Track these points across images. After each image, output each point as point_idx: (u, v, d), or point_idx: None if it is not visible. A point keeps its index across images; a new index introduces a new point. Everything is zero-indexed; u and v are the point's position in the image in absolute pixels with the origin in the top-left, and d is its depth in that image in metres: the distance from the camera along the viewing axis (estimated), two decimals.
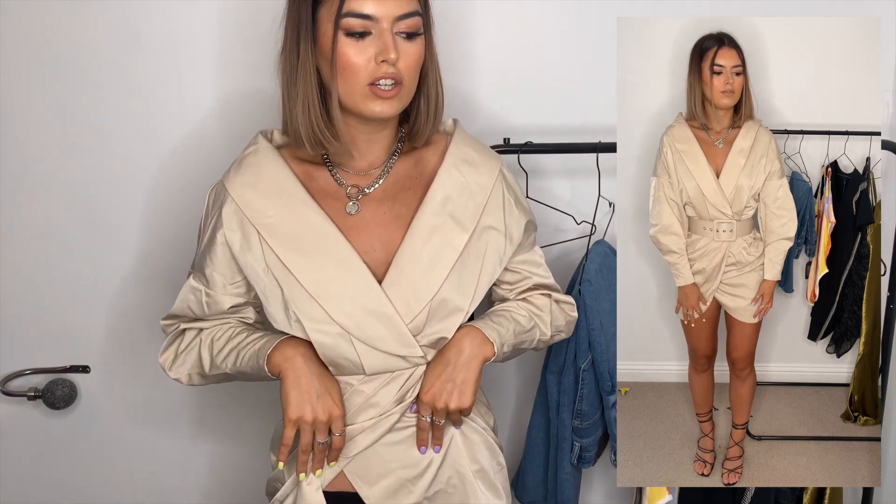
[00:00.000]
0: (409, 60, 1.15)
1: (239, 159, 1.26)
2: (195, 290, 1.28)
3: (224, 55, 1.52)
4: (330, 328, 1.20)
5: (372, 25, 1.12)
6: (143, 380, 1.66)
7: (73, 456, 1.69)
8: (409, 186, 1.26)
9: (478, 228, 1.25)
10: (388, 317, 1.20)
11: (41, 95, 1.50)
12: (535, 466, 1.64)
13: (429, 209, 1.23)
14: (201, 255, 1.27)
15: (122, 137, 1.54)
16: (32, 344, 1.62)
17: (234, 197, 1.22)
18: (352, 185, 1.25)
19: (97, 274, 1.60)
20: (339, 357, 1.22)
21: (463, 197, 1.25)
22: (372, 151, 1.25)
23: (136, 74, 1.51)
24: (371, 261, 1.22)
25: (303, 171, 1.25)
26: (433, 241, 1.22)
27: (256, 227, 1.21)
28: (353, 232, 1.22)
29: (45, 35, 1.47)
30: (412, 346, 1.22)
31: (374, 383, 1.24)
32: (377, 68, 1.13)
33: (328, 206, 1.23)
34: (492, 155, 1.32)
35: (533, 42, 1.59)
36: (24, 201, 1.55)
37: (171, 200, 1.58)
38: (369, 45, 1.13)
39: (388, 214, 1.24)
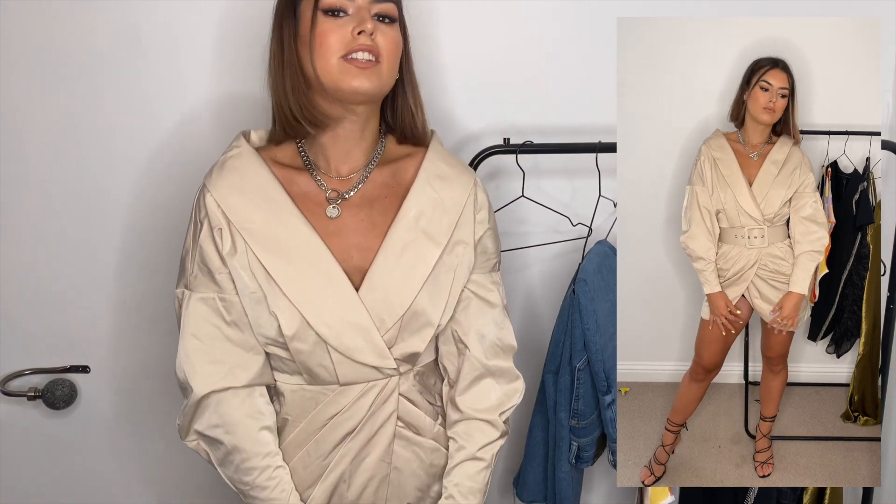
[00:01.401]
0: (387, 41, 1.19)
1: (221, 161, 1.26)
2: (206, 300, 1.23)
3: (224, 55, 1.52)
4: (308, 336, 1.21)
5: (348, 4, 1.17)
6: (143, 380, 1.66)
7: (73, 456, 1.69)
8: (386, 195, 1.28)
9: (450, 243, 1.27)
10: (366, 329, 1.22)
11: (41, 96, 1.50)
12: (535, 465, 1.64)
13: (402, 224, 1.25)
14: (199, 263, 1.23)
15: (123, 138, 1.53)
16: (32, 344, 1.62)
17: (218, 200, 1.21)
18: (332, 188, 1.26)
19: (97, 274, 1.60)
20: (315, 365, 1.24)
21: (437, 213, 1.27)
22: (352, 155, 1.27)
23: (136, 75, 1.51)
24: (348, 268, 1.23)
25: (284, 175, 1.25)
26: (406, 256, 1.24)
27: (240, 231, 1.21)
28: (332, 238, 1.24)
29: (45, 35, 1.47)
30: (387, 357, 1.24)
31: (348, 395, 1.26)
32: (353, 40, 1.16)
33: (308, 210, 1.24)
34: (465, 169, 1.33)
35: (533, 42, 1.59)
36: (24, 201, 1.55)
37: (171, 200, 1.57)
38: (346, 23, 1.17)
39: (365, 222, 1.26)
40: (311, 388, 1.27)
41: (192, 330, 1.23)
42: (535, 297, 1.72)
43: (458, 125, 1.60)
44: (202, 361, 1.23)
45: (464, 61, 1.57)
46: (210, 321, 1.23)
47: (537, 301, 1.72)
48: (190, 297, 1.24)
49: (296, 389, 1.28)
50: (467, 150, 1.60)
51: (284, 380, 1.28)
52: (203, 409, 1.24)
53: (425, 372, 1.35)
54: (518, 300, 1.72)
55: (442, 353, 1.35)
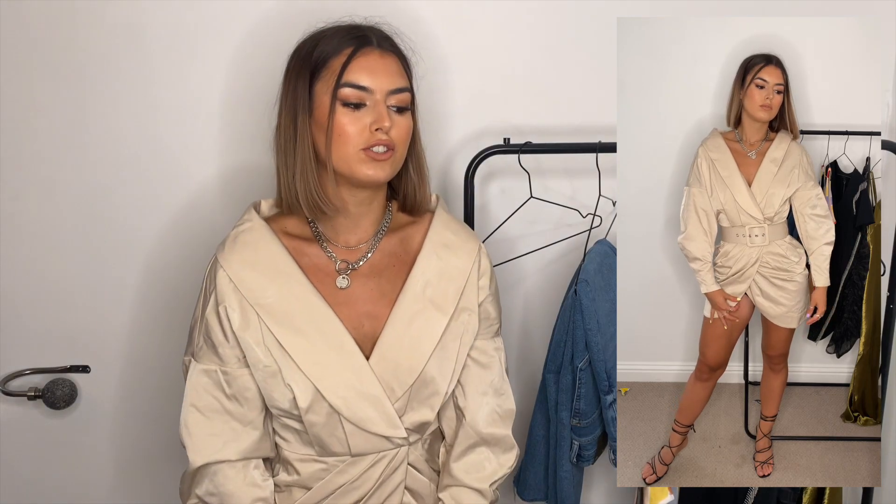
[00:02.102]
0: (400, 131, 1.21)
1: (233, 235, 1.27)
2: (208, 372, 1.26)
3: (231, 55, 1.52)
4: (321, 408, 1.23)
5: (367, 97, 1.18)
6: (143, 380, 1.66)
7: (73, 456, 1.69)
8: (395, 264, 1.30)
9: (456, 311, 1.29)
10: (377, 398, 1.24)
11: (41, 96, 1.50)
12: (535, 464, 1.64)
13: (410, 294, 1.27)
14: (205, 335, 1.25)
15: (124, 138, 1.53)
16: (32, 344, 1.62)
17: (231, 276, 1.23)
18: (341, 259, 1.28)
19: (97, 274, 1.60)
20: (328, 436, 1.25)
21: (443, 281, 1.29)
22: (361, 227, 1.28)
23: (139, 75, 1.51)
24: (358, 336, 1.26)
25: (293, 247, 1.27)
26: (415, 325, 1.26)
27: (254, 307, 1.22)
28: (343, 308, 1.26)
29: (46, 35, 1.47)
30: (398, 427, 1.26)
31: (359, 466, 1.28)
32: (372, 136, 1.18)
33: (319, 281, 1.26)
34: (469, 236, 1.35)
35: (533, 42, 1.59)
36: (25, 201, 1.55)
37: (171, 200, 1.58)
38: (364, 116, 1.18)
39: (374, 291, 1.28)
40: (321, 458, 1.29)
41: (192, 400, 1.26)
42: (535, 296, 1.72)
43: (458, 125, 1.60)
44: (200, 433, 1.26)
45: (464, 61, 1.57)
46: (211, 393, 1.26)
47: (537, 300, 1.72)
48: (194, 368, 1.27)
49: (306, 459, 1.29)
50: (467, 150, 1.60)
51: (295, 450, 1.30)
52: (201, 478, 1.28)
53: (432, 440, 1.37)
54: (518, 299, 1.72)
55: (441, 417, 1.37)
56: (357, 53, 1.18)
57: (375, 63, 1.19)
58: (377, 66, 1.19)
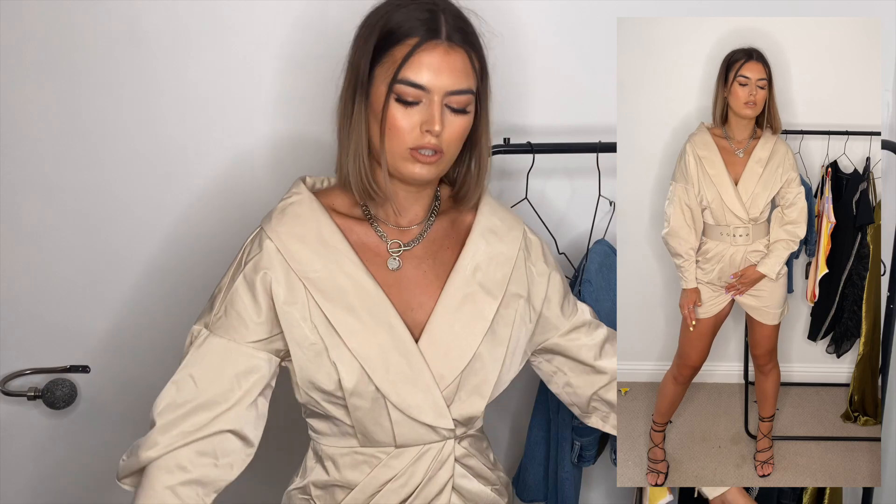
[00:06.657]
0: (452, 132, 1.15)
1: (281, 207, 1.21)
2: (219, 344, 1.17)
3: (227, 55, 1.52)
4: (367, 391, 1.17)
5: (423, 95, 1.12)
6: (143, 380, 1.66)
7: (73, 456, 1.69)
8: (448, 246, 1.26)
9: (506, 296, 1.26)
10: (427, 385, 1.19)
11: (41, 96, 1.50)
12: (535, 465, 1.64)
13: (459, 277, 1.23)
14: (227, 306, 1.17)
15: (123, 139, 1.53)
16: (32, 344, 1.62)
17: (279, 246, 1.17)
18: (393, 240, 1.24)
19: (97, 274, 1.60)
20: (372, 423, 1.20)
21: (491, 266, 1.26)
22: (412, 209, 1.24)
23: (138, 75, 1.51)
24: (409, 320, 1.20)
25: (343, 224, 1.22)
26: (465, 309, 1.22)
27: (302, 280, 1.17)
28: (393, 289, 1.21)
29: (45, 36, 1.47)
30: (445, 416, 1.21)
31: (403, 459, 1.23)
32: (420, 136, 1.13)
33: (369, 260, 1.21)
34: (515, 222, 1.32)
35: (533, 42, 1.59)
36: (24, 201, 1.55)
37: (171, 199, 1.58)
38: (417, 113, 1.12)
39: (428, 273, 1.24)
40: (364, 450, 1.23)
41: (191, 371, 1.17)
42: None
43: None
44: (174, 426, 1.17)
45: None
46: (214, 366, 1.17)
47: None
48: (204, 336, 1.18)
49: (347, 453, 1.24)
50: None
51: (333, 443, 1.24)
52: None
53: (477, 436, 1.33)
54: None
55: (560, 389, 1.40)
56: (421, 47, 1.11)
57: (440, 61, 1.11)
58: (441, 64, 1.11)
